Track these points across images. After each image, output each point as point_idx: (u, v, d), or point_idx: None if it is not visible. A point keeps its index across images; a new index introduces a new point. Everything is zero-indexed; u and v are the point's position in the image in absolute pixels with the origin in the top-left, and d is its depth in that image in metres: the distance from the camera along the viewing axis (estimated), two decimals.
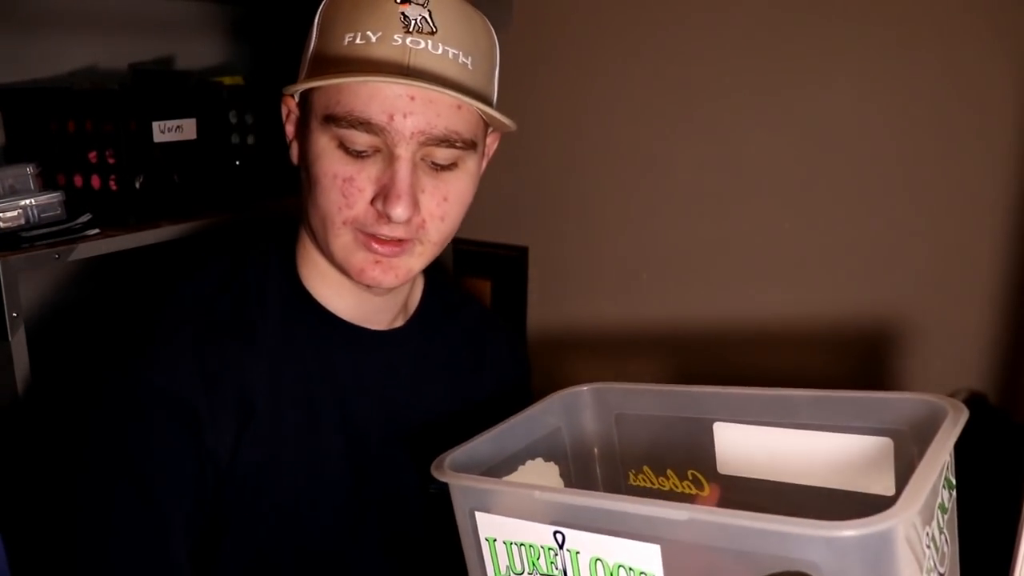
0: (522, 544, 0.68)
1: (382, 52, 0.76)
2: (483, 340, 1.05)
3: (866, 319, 1.51)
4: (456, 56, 0.78)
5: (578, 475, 0.89)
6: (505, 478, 0.80)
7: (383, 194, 0.78)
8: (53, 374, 1.20)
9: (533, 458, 0.84)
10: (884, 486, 0.75)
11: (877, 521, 0.53)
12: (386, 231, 0.79)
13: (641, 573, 0.63)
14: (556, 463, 0.87)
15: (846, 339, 1.53)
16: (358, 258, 0.81)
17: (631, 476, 0.89)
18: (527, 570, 0.68)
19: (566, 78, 1.73)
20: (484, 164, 0.90)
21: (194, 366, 0.79)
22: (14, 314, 1.08)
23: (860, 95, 1.47)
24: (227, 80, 1.51)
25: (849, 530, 0.53)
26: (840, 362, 1.53)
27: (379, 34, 0.76)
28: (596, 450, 0.90)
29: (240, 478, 0.82)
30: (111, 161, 1.25)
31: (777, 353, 1.59)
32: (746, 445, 0.81)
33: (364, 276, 0.82)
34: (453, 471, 0.72)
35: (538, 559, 0.67)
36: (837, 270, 1.54)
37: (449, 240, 0.86)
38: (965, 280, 1.43)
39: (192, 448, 0.79)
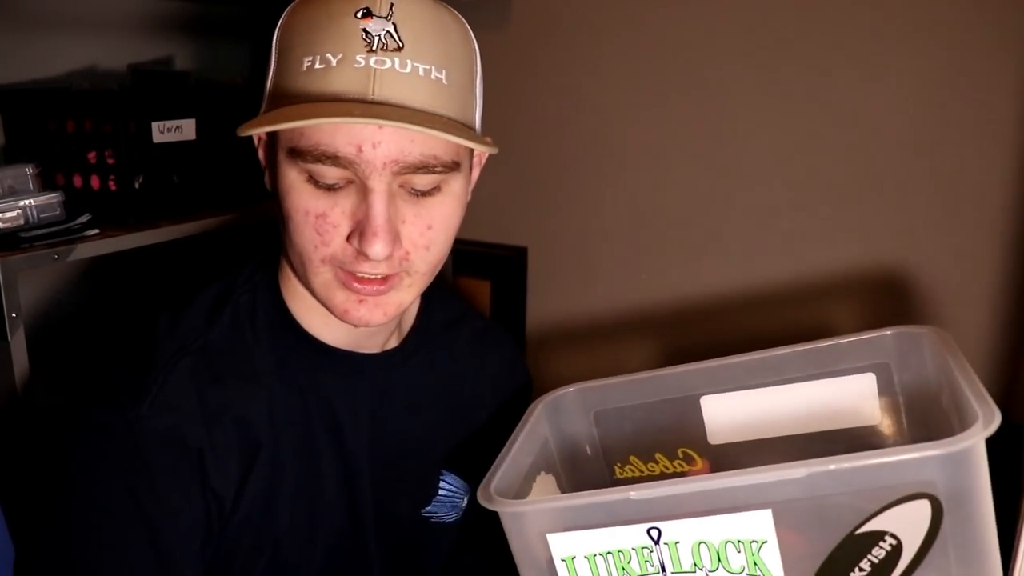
0: (608, 553, 0.66)
1: (343, 80, 0.69)
2: (484, 356, 1.01)
3: (864, 321, 1.51)
4: (428, 72, 0.71)
5: (568, 482, 0.87)
6: (527, 498, 0.79)
7: (359, 231, 0.71)
8: (52, 374, 1.20)
9: (538, 473, 0.82)
10: (868, 417, 0.79)
11: (979, 430, 0.58)
12: (367, 268, 0.73)
13: (752, 542, 0.63)
14: (551, 473, 0.86)
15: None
16: (340, 298, 0.76)
17: (617, 470, 0.88)
18: None
19: (564, 77, 1.73)
20: (475, 175, 0.84)
21: (195, 405, 0.76)
22: (13, 314, 1.08)
23: (859, 81, 1.46)
24: (226, 80, 1.51)
25: (963, 443, 0.57)
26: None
27: (339, 56, 0.69)
28: (581, 453, 0.88)
29: (244, 515, 0.79)
30: (110, 161, 1.25)
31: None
32: (735, 411, 0.82)
33: (349, 317, 0.76)
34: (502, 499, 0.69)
35: (629, 562, 0.65)
36: (835, 270, 1.54)
37: (439, 266, 0.80)
38: (965, 280, 1.43)
39: (198, 490, 0.76)
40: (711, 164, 1.61)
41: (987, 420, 0.58)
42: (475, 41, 0.78)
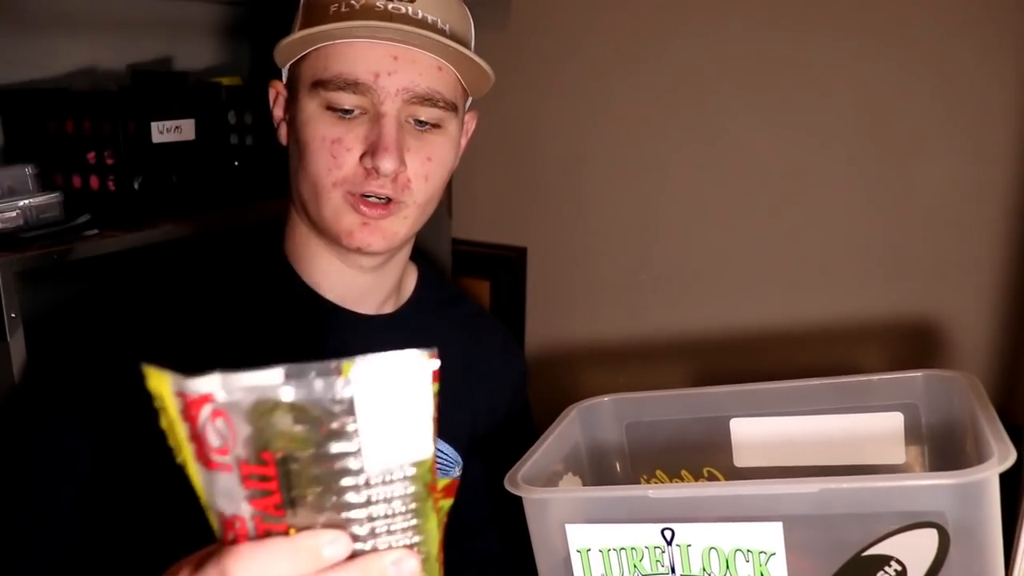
0: (622, 549, 0.68)
1: (364, 18, 0.80)
2: (478, 337, 1.05)
3: (864, 321, 1.51)
4: (435, 22, 0.82)
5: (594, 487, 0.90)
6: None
7: (371, 150, 0.80)
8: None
9: (564, 474, 0.85)
10: (894, 456, 0.80)
11: (993, 465, 0.58)
12: (374, 187, 0.82)
13: (761, 553, 0.64)
14: (578, 476, 0.88)
15: (842, 342, 1.53)
16: (347, 221, 0.83)
17: (643, 481, 0.90)
18: (626, 574, 0.68)
19: (564, 78, 1.73)
20: (464, 141, 0.93)
21: (151, 349, 0.80)
22: (12, 315, 1.08)
23: (860, 94, 1.47)
24: (226, 80, 1.51)
25: (975, 475, 0.58)
26: (837, 363, 1.53)
27: (362, 2, 0.80)
28: (609, 460, 0.90)
29: None
30: (109, 162, 1.25)
31: (772, 351, 1.59)
32: (763, 436, 0.84)
33: (353, 239, 0.84)
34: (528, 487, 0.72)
35: (641, 560, 0.67)
36: (835, 271, 1.54)
37: (432, 205, 0.88)
38: (964, 280, 1.43)
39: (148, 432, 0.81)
40: (709, 164, 1.61)
41: (1002, 456, 0.59)
42: (471, 19, 0.89)
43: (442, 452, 0.98)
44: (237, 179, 1.41)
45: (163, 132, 1.28)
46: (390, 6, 0.80)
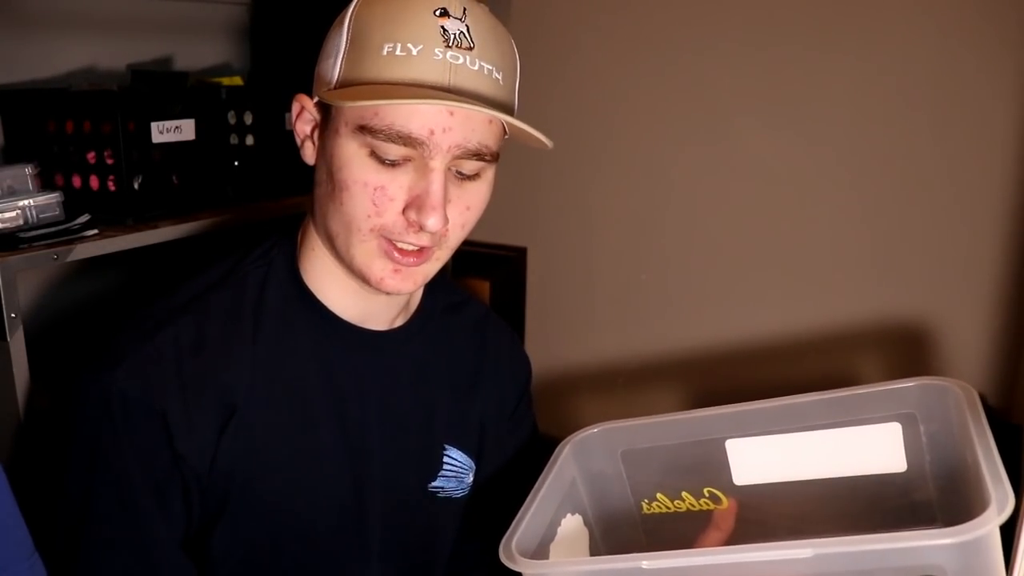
0: None
1: (424, 68, 0.76)
2: (484, 339, 1.05)
3: (864, 323, 1.51)
4: (491, 72, 0.79)
5: (596, 518, 0.90)
6: (552, 544, 0.81)
7: (416, 205, 0.78)
8: (52, 375, 1.20)
9: (564, 516, 0.84)
10: (895, 465, 0.79)
11: (992, 518, 0.57)
12: (412, 239, 0.80)
13: None
14: (578, 513, 0.87)
15: (844, 344, 1.53)
16: (378, 266, 0.82)
17: (644, 506, 0.89)
18: None
19: (564, 79, 1.73)
20: None
21: (171, 371, 0.81)
22: (12, 315, 1.08)
23: (856, 101, 1.47)
24: (226, 80, 1.51)
25: (974, 532, 0.57)
26: (839, 366, 1.53)
27: (420, 47, 0.76)
28: (608, 491, 0.90)
29: (224, 473, 0.83)
30: (109, 162, 1.25)
31: (770, 349, 1.59)
32: (760, 456, 0.83)
33: (384, 285, 0.83)
34: (524, 557, 0.71)
35: None
36: (836, 274, 1.54)
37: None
38: (963, 282, 1.44)
39: (166, 452, 0.81)
40: (710, 165, 1.62)
41: (1000, 505, 0.58)
42: (516, 50, 0.86)
43: (456, 460, 0.98)
44: (237, 179, 1.41)
45: (163, 132, 1.28)
46: (448, 55, 0.76)
